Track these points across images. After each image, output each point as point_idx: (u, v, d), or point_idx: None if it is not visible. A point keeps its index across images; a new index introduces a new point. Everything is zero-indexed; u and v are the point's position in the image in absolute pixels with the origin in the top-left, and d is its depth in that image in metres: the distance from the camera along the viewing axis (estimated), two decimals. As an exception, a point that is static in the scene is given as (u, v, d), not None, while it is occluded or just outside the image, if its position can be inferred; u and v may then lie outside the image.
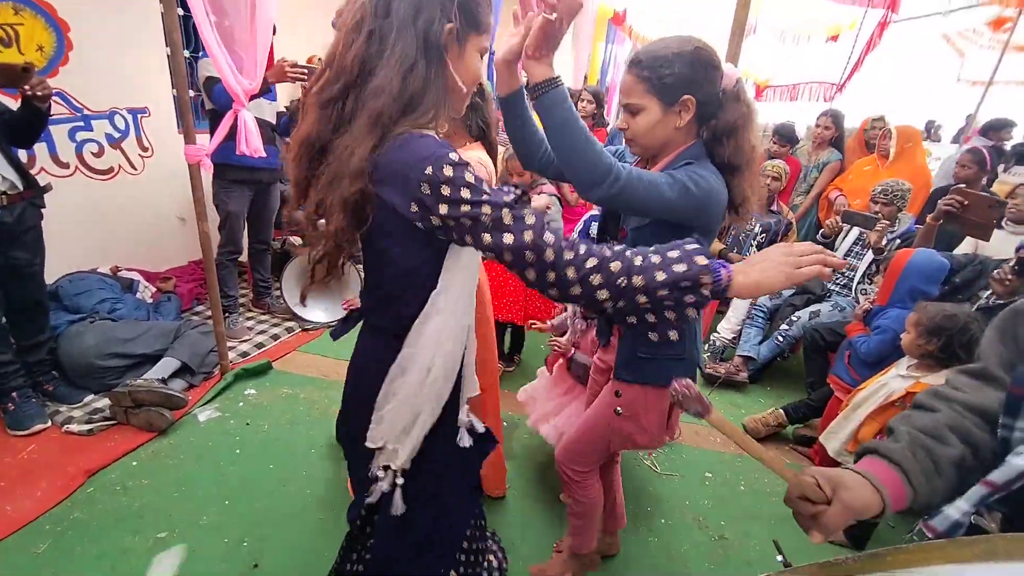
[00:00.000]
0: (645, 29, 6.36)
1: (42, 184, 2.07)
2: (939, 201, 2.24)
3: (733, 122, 1.06)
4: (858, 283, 2.73)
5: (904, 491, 0.67)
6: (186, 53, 2.27)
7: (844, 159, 3.64)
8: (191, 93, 2.15)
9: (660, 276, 0.70)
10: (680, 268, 0.70)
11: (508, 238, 0.72)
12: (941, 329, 1.58)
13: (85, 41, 2.66)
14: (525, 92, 1.07)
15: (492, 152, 1.56)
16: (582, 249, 0.73)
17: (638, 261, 0.72)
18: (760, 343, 2.85)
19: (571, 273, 0.72)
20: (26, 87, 1.79)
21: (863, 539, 1.77)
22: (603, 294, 0.72)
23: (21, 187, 1.96)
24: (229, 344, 2.66)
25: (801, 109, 5.72)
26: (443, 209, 0.72)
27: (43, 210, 2.08)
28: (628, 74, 1.08)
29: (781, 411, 2.38)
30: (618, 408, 1.24)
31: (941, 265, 2.04)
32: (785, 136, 3.75)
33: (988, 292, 2.12)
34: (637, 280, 0.70)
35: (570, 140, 0.94)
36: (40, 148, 2.58)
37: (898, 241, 2.60)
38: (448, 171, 0.71)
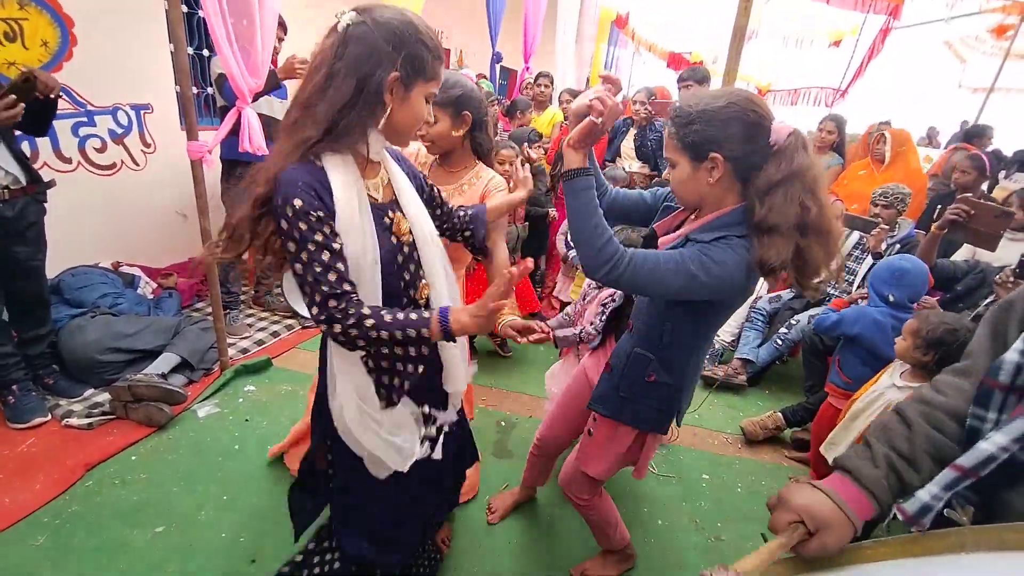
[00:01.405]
0: (647, 32, 6.38)
1: (45, 180, 2.08)
2: (947, 210, 2.21)
3: (767, 182, 0.97)
4: (857, 287, 2.74)
5: (872, 510, 0.71)
6: (190, 50, 2.29)
7: (845, 164, 3.65)
8: (193, 90, 2.16)
9: (397, 334, 0.90)
10: (411, 329, 0.90)
11: (298, 268, 0.88)
12: (941, 343, 1.56)
13: (89, 37, 2.67)
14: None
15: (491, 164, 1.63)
16: (351, 309, 0.88)
17: (387, 318, 0.90)
18: (759, 346, 2.85)
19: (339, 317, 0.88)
20: (38, 94, 1.80)
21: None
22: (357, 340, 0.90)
23: (24, 182, 1.97)
24: (229, 341, 2.67)
25: (802, 114, 5.73)
26: (283, 228, 0.88)
27: (45, 205, 2.09)
28: (666, 128, 1.08)
29: (779, 414, 2.39)
30: (591, 430, 1.34)
31: (897, 269, 2.02)
32: None
33: (990, 298, 2.13)
34: (383, 334, 0.89)
35: (581, 224, 1.01)
36: (43, 143, 2.59)
37: (898, 246, 2.61)
38: (296, 204, 0.86)
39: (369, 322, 0.88)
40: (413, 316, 0.90)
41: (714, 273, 0.98)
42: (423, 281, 1.07)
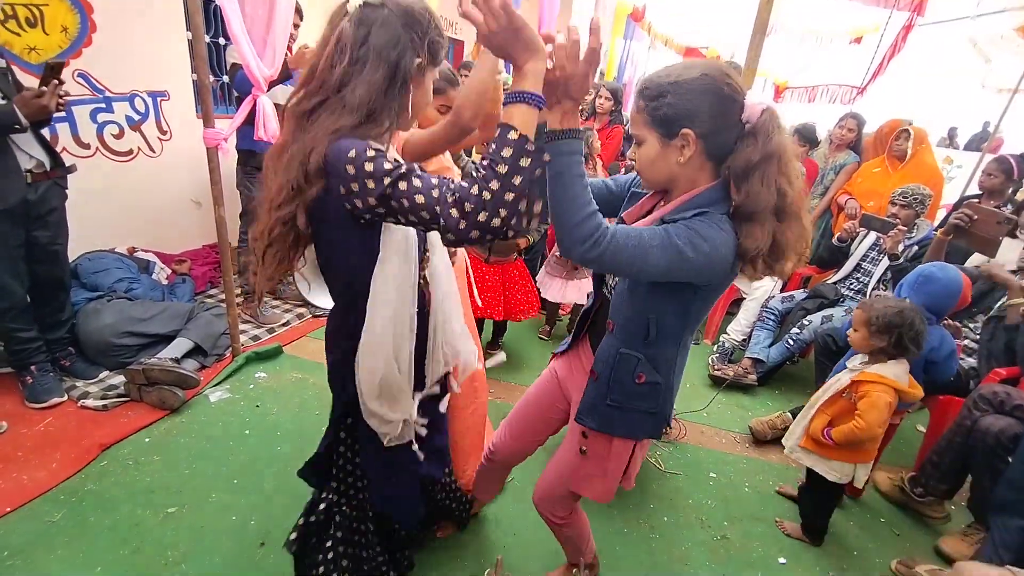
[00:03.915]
0: (663, 26, 6.31)
1: (66, 165, 2.11)
2: (951, 215, 2.26)
3: (745, 165, 0.91)
4: (873, 289, 2.70)
5: None
6: (206, 38, 2.31)
7: (862, 162, 3.59)
8: (210, 78, 2.18)
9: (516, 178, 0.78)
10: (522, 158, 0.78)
11: (419, 199, 0.80)
12: (892, 326, 1.61)
13: (108, 23, 2.69)
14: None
15: None
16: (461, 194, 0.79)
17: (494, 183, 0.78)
18: (770, 346, 2.83)
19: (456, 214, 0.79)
20: (56, 80, 1.85)
21: (820, 533, 1.81)
22: (495, 221, 0.78)
23: (48, 167, 2.00)
24: (241, 327, 2.70)
25: (818, 111, 5.64)
26: (370, 188, 0.81)
27: (67, 190, 2.12)
28: (633, 103, 1.00)
29: (788, 415, 2.37)
30: (583, 448, 1.20)
31: (921, 274, 1.93)
32: (806, 137, 3.70)
33: (1001, 301, 2.10)
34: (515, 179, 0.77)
35: (561, 193, 0.87)
36: (62, 128, 2.62)
37: (915, 248, 2.56)
38: (370, 156, 0.81)
39: (493, 184, 0.76)
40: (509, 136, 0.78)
41: (702, 250, 0.90)
42: (427, 253, 1.09)
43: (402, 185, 0.79)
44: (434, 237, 1.09)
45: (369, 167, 0.80)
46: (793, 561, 1.74)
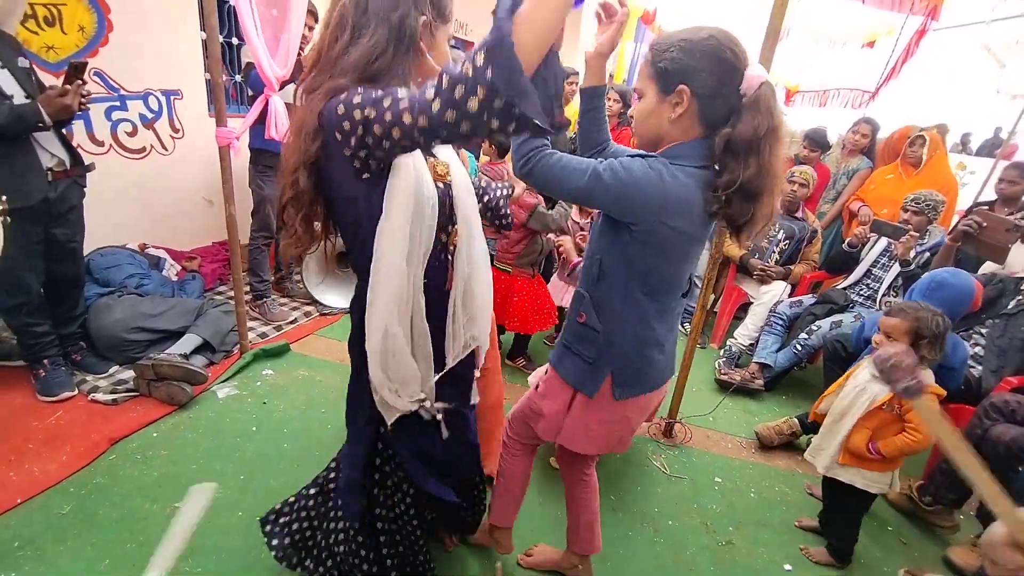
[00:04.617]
0: (675, 30, 6.27)
1: (85, 163, 2.14)
2: (959, 221, 2.25)
3: (752, 136, 0.91)
4: (883, 295, 2.67)
5: None
6: (220, 38, 2.34)
7: (875, 167, 3.56)
8: (224, 78, 2.20)
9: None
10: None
11: (403, 103, 0.77)
12: (940, 335, 1.55)
13: (125, 22, 2.73)
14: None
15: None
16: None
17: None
18: (778, 351, 2.81)
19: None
20: (79, 80, 1.89)
21: (847, 554, 1.74)
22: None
23: (68, 165, 2.03)
24: (249, 325, 2.72)
25: (829, 115, 5.60)
26: (356, 118, 0.80)
27: (85, 188, 2.16)
28: (643, 56, 1.06)
29: (795, 420, 2.35)
30: (538, 384, 1.28)
31: (934, 280, 1.92)
32: (816, 142, 3.68)
33: (1012, 304, 2.10)
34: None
35: None
36: (78, 126, 2.65)
37: (927, 254, 2.54)
38: (356, 98, 0.80)
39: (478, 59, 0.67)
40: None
41: (619, 176, 0.94)
42: (454, 226, 1.06)
43: (386, 102, 0.78)
44: (466, 209, 1.05)
45: (356, 99, 0.80)
46: (799, 568, 1.73)
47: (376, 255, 0.92)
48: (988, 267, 2.54)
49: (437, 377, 1.09)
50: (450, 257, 1.06)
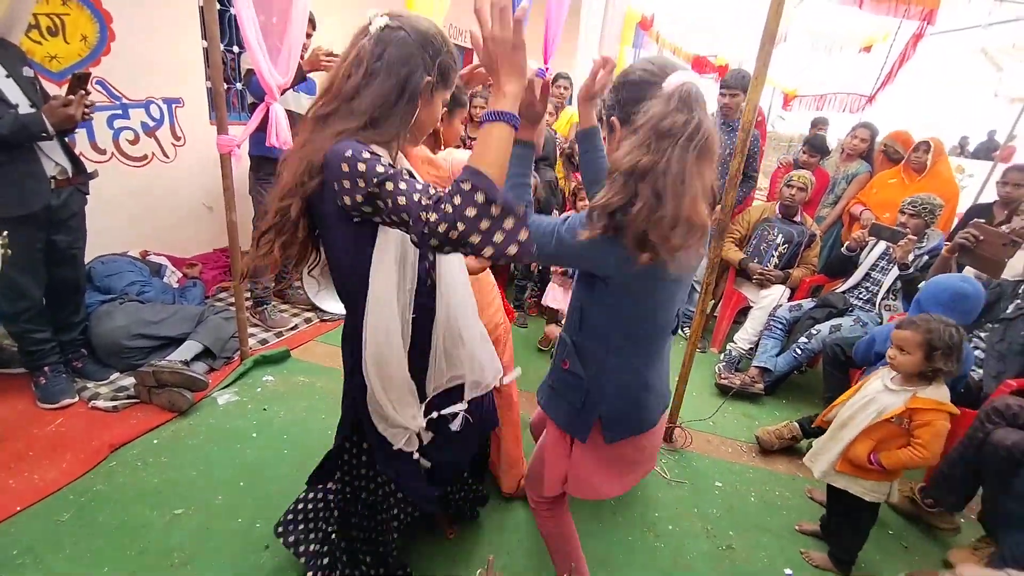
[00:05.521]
0: (672, 35, 6.32)
1: (88, 171, 2.16)
2: (957, 234, 2.24)
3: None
4: (882, 299, 2.68)
5: None
6: (221, 47, 2.37)
7: (874, 172, 3.57)
8: (224, 86, 2.23)
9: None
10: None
11: (401, 200, 0.83)
12: (955, 347, 1.51)
13: (126, 32, 2.76)
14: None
15: None
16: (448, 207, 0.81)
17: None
18: (778, 355, 2.81)
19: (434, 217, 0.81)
20: (82, 90, 1.91)
21: (849, 562, 1.73)
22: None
23: (71, 173, 2.05)
24: (249, 331, 2.73)
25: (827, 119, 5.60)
26: (360, 187, 0.86)
27: (87, 196, 2.17)
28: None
29: (796, 424, 2.35)
30: (542, 431, 1.27)
31: (956, 291, 1.89)
32: (816, 147, 3.69)
33: (1011, 308, 2.10)
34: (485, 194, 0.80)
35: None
36: (80, 135, 2.68)
37: (925, 257, 2.54)
38: (365, 158, 0.85)
39: (456, 199, 0.78)
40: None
41: (574, 224, 0.96)
42: (433, 260, 1.12)
43: (389, 186, 0.84)
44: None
45: (362, 167, 0.85)
46: (800, 572, 1.72)
47: (372, 294, 0.99)
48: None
49: (423, 406, 1.14)
50: (430, 286, 1.11)
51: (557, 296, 2.93)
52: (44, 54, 2.50)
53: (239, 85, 3.52)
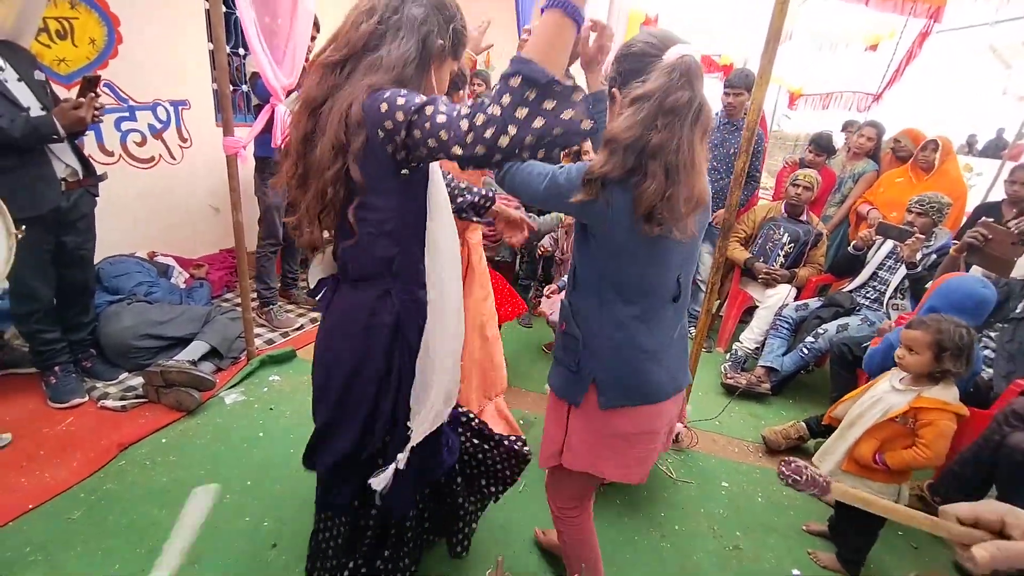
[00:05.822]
0: (677, 33, 6.28)
1: (98, 173, 2.18)
2: (965, 232, 2.23)
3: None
4: (890, 298, 2.66)
5: None
6: (227, 49, 2.39)
7: (880, 170, 3.55)
8: (230, 88, 2.25)
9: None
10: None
11: (440, 118, 0.80)
12: (965, 348, 1.49)
13: (133, 35, 2.78)
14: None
15: None
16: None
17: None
18: (784, 354, 2.79)
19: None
20: (92, 93, 1.93)
21: (857, 564, 1.71)
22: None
23: (81, 175, 2.07)
24: (256, 331, 2.74)
25: (832, 118, 5.58)
26: (400, 121, 0.83)
27: (96, 197, 2.19)
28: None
29: (803, 424, 2.33)
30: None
31: (971, 293, 1.87)
32: (821, 146, 3.67)
33: (1019, 308, 2.08)
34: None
35: None
36: (88, 137, 2.70)
37: (933, 256, 2.52)
38: (400, 99, 0.84)
39: (506, 99, 0.72)
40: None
41: (572, 179, 0.99)
42: None
43: (428, 109, 0.81)
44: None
45: (401, 100, 0.83)
46: (807, 573, 1.71)
47: (434, 248, 0.99)
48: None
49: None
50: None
51: (555, 307, 2.93)
52: (53, 57, 2.53)
53: (245, 87, 3.54)
